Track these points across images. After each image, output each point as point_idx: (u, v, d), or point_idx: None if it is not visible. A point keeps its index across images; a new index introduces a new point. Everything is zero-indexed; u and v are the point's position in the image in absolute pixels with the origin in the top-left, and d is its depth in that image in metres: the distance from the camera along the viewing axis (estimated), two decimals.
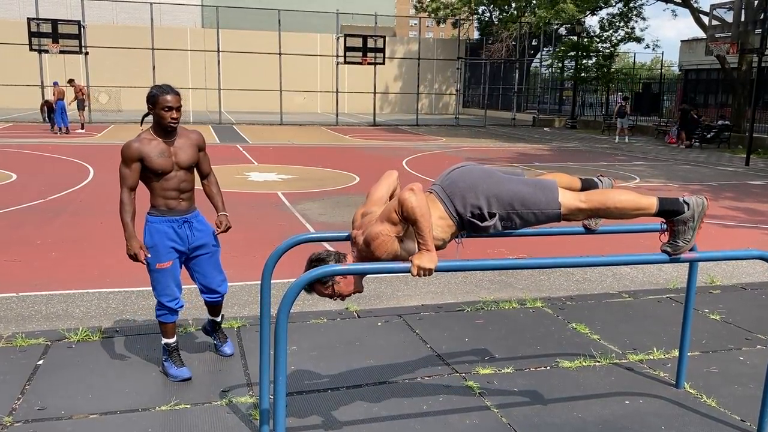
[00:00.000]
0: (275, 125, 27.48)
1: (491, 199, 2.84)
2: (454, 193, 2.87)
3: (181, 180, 3.81)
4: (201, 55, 32.96)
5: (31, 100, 27.89)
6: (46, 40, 23.96)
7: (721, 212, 9.99)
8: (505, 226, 2.91)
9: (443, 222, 2.85)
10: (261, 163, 15.03)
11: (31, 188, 10.58)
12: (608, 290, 6.01)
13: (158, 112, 3.68)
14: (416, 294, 5.75)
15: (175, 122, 3.71)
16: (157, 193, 3.78)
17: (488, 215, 2.84)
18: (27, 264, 6.37)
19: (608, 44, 33.16)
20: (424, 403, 3.69)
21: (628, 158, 18.12)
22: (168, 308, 3.87)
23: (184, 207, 3.85)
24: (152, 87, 3.73)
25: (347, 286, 2.87)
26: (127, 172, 3.69)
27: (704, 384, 4.01)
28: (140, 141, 3.70)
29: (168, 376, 3.92)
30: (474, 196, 2.84)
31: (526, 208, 2.86)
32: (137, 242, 3.72)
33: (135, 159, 3.67)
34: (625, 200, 2.89)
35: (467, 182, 2.87)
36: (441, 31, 66.66)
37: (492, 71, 38.56)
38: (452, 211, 2.86)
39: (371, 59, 27.59)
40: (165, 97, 3.65)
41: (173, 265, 3.85)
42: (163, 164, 3.71)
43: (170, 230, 3.81)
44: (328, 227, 8.33)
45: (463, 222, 2.88)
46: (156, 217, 3.80)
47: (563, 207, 2.86)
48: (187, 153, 3.82)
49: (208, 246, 3.99)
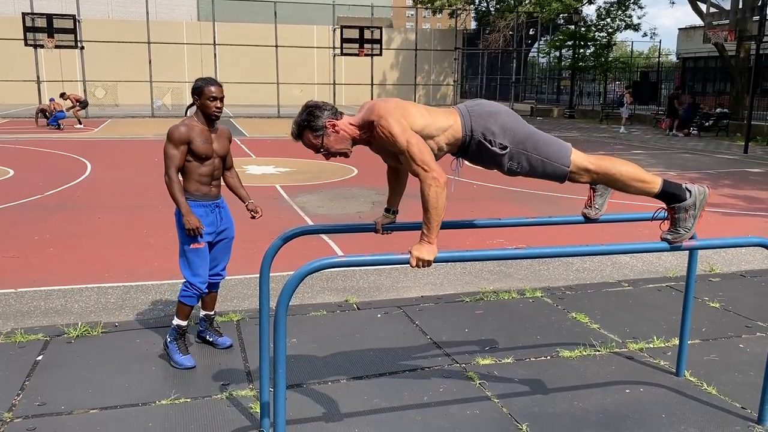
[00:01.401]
0: (273, 118, 27.42)
1: (507, 131, 2.82)
2: (476, 112, 2.86)
3: (215, 167, 4.04)
4: (197, 49, 32.80)
5: (28, 95, 27.77)
6: (41, 35, 23.87)
7: (720, 200, 9.99)
8: (510, 167, 2.87)
9: (451, 131, 2.82)
10: (259, 156, 15.00)
11: (28, 184, 10.55)
12: (608, 279, 6.00)
13: (204, 102, 3.90)
14: (416, 285, 5.75)
15: (219, 111, 3.94)
16: (193, 177, 3.95)
17: (499, 146, 2.82)
18: (25, 260, 6.35)
19: (606, 33, 33.07)
20: (425, 393, 3.69)
21: (627, 147, 18.10)
22: (197, 289, 3.98)
23: (215, 193, 4.06)
24: (197, 79, 3.98)
25: (337, 142, 2.81)
26: (175, 153, 3.86)
27: (704, 372, 4.01)
28: (187, 125, 3.91)
29: (171, 362, 3.95)
30: (494, 121, 2.83)
31: (537, 153, 2.84)
32: (195, 217, 3.86)
33: (183, 141, 3.87)
34: (631, 171, 2.88)
35: (490, 109, 2.88)
36: (438, 21, 66.45)
37: (489, 61, 38.49)
38: (467, 126, 2.83)
39: (368, 50, 27.52)
40: (210, 88, 3.88)
41: (206, 247, 3.99)
42: (206, 150, 3.93)
43: (204, 214, 3.97)
44: (326, 219, 8.32)
45: (472, 142, 2.84)
46: (191, 201, 3.94)
47: (573, 164, 2.85)
48: (222, 143, 4.09)
49: (229, 232, 4.19)
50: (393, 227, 3.27)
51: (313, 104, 2.84)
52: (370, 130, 2.77)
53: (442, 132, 2.80)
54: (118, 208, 8.70)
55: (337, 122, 2.80)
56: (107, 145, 16.61)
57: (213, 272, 4.17)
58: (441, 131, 2.80)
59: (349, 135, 2.83)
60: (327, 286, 5.58)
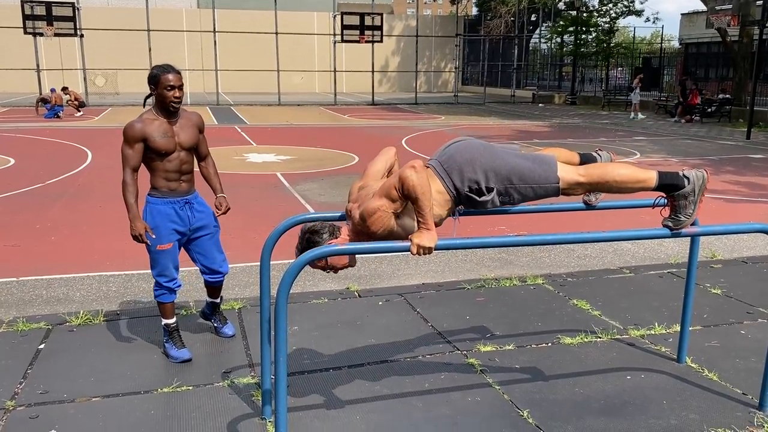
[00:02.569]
0: (273, 105, 27.34)
1: (489, 173, 2.81)
2: (451, 167, 2.84)
3: (182, 161, 3.80)
4: (197, 36, 32.66)
5: (28, 84, 27.70)
6: (40, 23, 23.73)
7: (722, 186, 9.96)
8: (503, 201, 2.88)
9: (440, 197, 2.82)
10: (259, 144, 14.97)
11: (29, 173, 10.55)
12: (609, 266, 6.00)
13: (161, 92, 3.66)
14: (417, 273, 5.75)
15: (177, 101, 3.69)
16: (159, 174, 3.76)
17: (486, 190, 2.81)
18: (26, 248, 6.36)
19: (608, 18, 32.85)
20: (426, 381, 3.69)
21: (629, 134, 18.04)
22: (166, 288, 3.87)
23: (185, 188, 3.85)
24: (153, 67, 3.72)
25: (340, 259, 2.85)
26: (130, 152, 3.66)
27: (706, 358, 4.01)
28: (143, 121, 3.68)
29: (168, 358, 3.93)
30: (472, 170, 2.81)
31: (524, 182, 2.83)
32: (142, 223, 3.71)
33: (138, 139, 3.65)
34: (624, 174, 2.85)
35: (465, 156, 2.83)
36: (439, 7, 66.07)
37: (491, 48, 38.26)
38: (450, 186, 2.83)
39: (369, 37, 27.35)
40: (167, 76, 3.64)
41: (173, 247, 3.85)
42: (166, 145, 3.70)
43: (172, 211, 3.80)
44: (327, 207, 8.31)
45: (461, 197, 2.86)
46: (157, 198, 3.79)
47: (562, 181, 2.84)
48: (188, 134, 3.82)
49: (209, 227, 4.00)
50: None
51: (311, 230, 2.84)
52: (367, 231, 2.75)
53: (434, 201, 2.75)
54: (119, 197, 8.63)
55: (336, 242, 2.81)
56: (108, 134, 16.58)
57: (211, 269, 4.06)
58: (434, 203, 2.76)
59: None
60: (328, 274, 5.58)
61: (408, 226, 2.76)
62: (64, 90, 21.44)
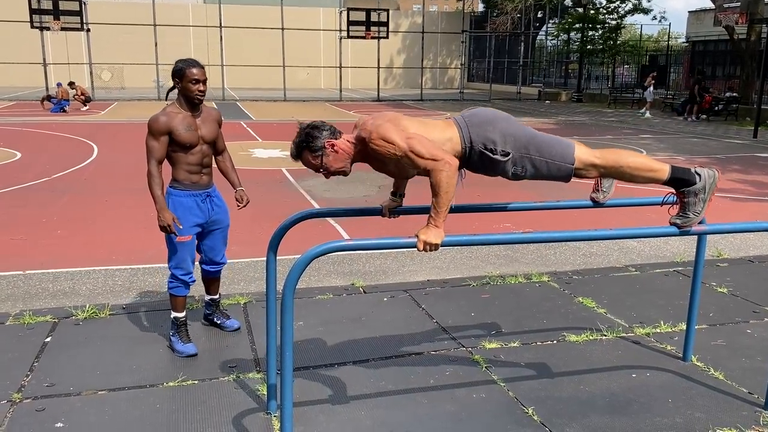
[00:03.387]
0: (279, 101, 27.34)
1: (508, 137, 2.80)
2: (473, 122, 2.83)
3: (204, 154, 3.88)
4: (203, 31, 32.68)
5: (34, 78, 27.78)
6: (47, 17, 23.77)
7: (728, 185, 9.92)
8: (515, 171, 2.85)
9: (450, 145, 2.79)
10: (265, 139, 14.98)
11: (35, 167, 10.58)
12: (615, 264, 5.99)
13: (185, 85, 3.72)
14: (422, 269, 5.74)
15: (201, 95, 3.76)
16: (181, 166, 3.82)
17: (501, 153, 2.80)
18: (33, 242, 6.38)
19: (615, 16, 32.70)
20: (431, 377, 3.70)
21: (635, 131, 17.98)
22: (182, 281, 3.91)
23: (205, 181, 3.92)
24: (178, 61, 3.78)
25: (336, 161, 2.81)
26: (155, 145, 3.71)
27: (711, 357, 4.00)
28: (167, 114, 3.72)
29: (174, 352, 3.94)
30: (492, 129, 2.80)
31: (540, 155, 2.81)
32: (169, 213, 3.74)
33: (163, 132, 3.70)
34: (639, 162, 2.85)
35: (488, 117, 2.85)
36: (445, 3, 65.92)
37: (497, 44, 38.18)
38: (465, 138, 2.81)
39: (375, 33, 27.32)
40: (192, 70, 3.70)
41: (192, 239, 3.91)
42: (190, 138, 3.76)
43: (193, 204, 3.86)
44: (332, 203, 8.32)
45: (473, 153, 2.82)
46: (179, 191, 3.83)
47: (578, 161, 2.83)
48: (209, 128, 3.89)
49: (223, 221, 4.07)
50: (399, 211, 3.26)
51: (312, 125, 2.83)
52: (365, 146, 2.75)
53: (442, 147, 2.75)
54: (124, 191, 8.72)
55: (335, 142, 2.80)
56: (114, 128, 16.60)
57: (212, 261, 4.10)
58: (442, 146, 2.75)
59: (348, 154, 2.83)
60: (333, 270, 5.59)
61: None
62: (70, 85, 21.49)
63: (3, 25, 27.45)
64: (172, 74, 3.75)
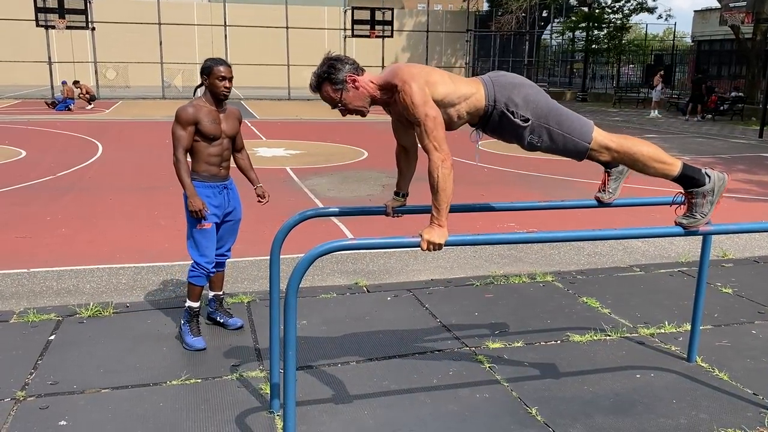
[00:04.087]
0: (283, 100, 27.35)
1: (530, 104, 2.78)
2: (499, 82, 2.81)
3: (224, 148, 4.03)
4: (208, 30, 32.70)
5: (39, 77, 27.85)
6: (52, 15, 23.83)
7: (734, 185, 9.88)
8: (531, 140, 2.81)
9: (474, 99, 2.77)
10: (269, 138, 14.98)
11: (40, 165, 10.60)
12: (619, 264, 5.97)
13: (213, 82, 3.90)
14: (426, 269, 5.74)
15: (227, 91, 3.93)
16: (202, 158, 3.96)
17: (521, 118, 2.78)
18: (37, 240, 6.39)
19: (620, 15, 32.63)
20: (434, 376, 3.69)
21: (640, 131, 17.93)
22: (204, 269, 4.00)
23: (223, 174, 4.06)
24: (206, 59, 3.99)
25: (355, 98, 2.78)
26: (182, 134, 3.87)
27: (716, 358, 3.98)
28: (195, 107, 3.91)
29: (183, 343, 3.98)
30: (517, 93, 2.78)
31: (559, 127, 2.79)
32: (200, 199, 3.88)
33: (191, 122, 3.87)
34: (652, 151, 2.83)
35: (514, 80, 2.83)
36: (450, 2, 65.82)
37: (502, 44, 38.11)
38: (490, 96, 2.78)
39: (379, 32, 27.32)
40: (219, 68, 3.89)
41: (213, 228, 4.01)
42: (214, 130, 3.93)
43: (212, 195, 3.99)
44: (336, 202, 8.31)
45: (494, 113, 2.80)
46: (199, 182, 3.96)
47: (594, 142, 2.81)
48: (231, 123, 4.08)
49: (236, 214, 4.20)
50: (403, 210, 3.26)
51: (335, 57, 2.78)
52: (391, 93, 2.74)
53: (464, 100, 2.76)
54: (129, 190, 8.73)
55: (358, 78, 2.76)
56: (118, 127, 16.64)
57: (219, 252, 4.19)
58: (463, 99, 2.76)
59: (369, 93, 2.78)
60: (337, 269, 5.59)
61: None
62: (75, 84, 21.54)
63: (8, 24, 27.52)
64: (201, 71, 3.95)
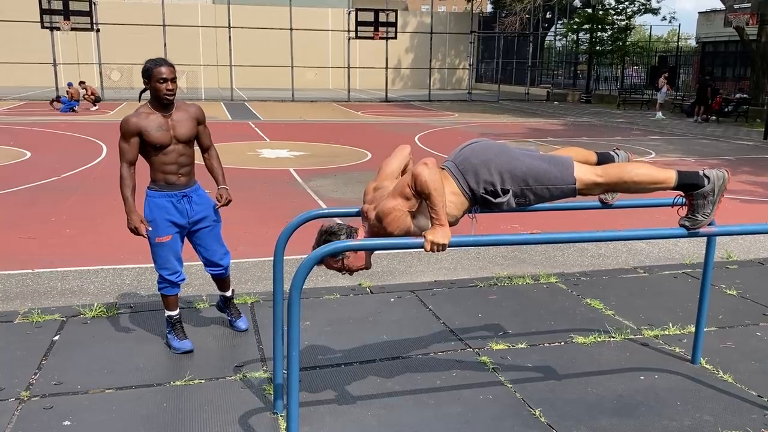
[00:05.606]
0: (287, 101, 27.37)
1: (504, 175, 2.79)
2: (467, 169, 2.82)
3: (179, 154, 3.82)
4: (212, 32, 32.76)
5: (44, 78, 27.93)
6: (57, 17, 23.91)
7: (738, 187, 9.85)
8: (519, 203, 2.86)
9: (456, 198, 2.81)
10: (273, 139, 15.00)
11: (44, 166, 10.63)
12: (623, 266, 5.96)
13: (154, 85, 3.68)
14: (429, 270, 5.73)
15: (171, 94, 3.70)
16: (156, 167, 3.80)
17: (501, 192, 2.80)
18: (42, 241, 6.41)
19: (624, 16, 32.57)
20: (438, 378, 3.69)
21: (644, 133, 17.89)
22: (168, 281, 3.92)
23: (183, 182, 3.87)
24: (146, 61, 3.74)
25: (356, 261, 2.85)
26: (126, 146, 3.71)
27: (720, 360, 3.97)
28: (138, 115, 3.71)
29: (170, 349, 3.97)
30: (487, 172, 2.79)
31: (540, 183, 2.81)
32: (137, 216, 3.76)
33: (133, 133, 3.69)
34: (643, 174, 2.81)
35: (480, 158, 2.81)
36: (453, 4, 65.82)
37: (505, 45, 38.08)
38: (465, 188, 2.81)
39: (383, 34, 27.31)
40: (159, 69, 3.66)
41: (173, 239, 3.87)
42: (161, 138, 3.73)
43: (169, 205, 3.83)
44: (340, 203, 8.31)
45: (476, 198, 2.84)
46: (155, 192, 3.83)
47: (579, 182, 2.81)
48: (185, 126, 3.83)
49: (209, 219, 4.01)
50: None
51: (328, 230, 2.84)
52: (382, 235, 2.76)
53: (449, 202, 2.74)
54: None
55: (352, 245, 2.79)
56: None
57: (211, 261, 4.09)
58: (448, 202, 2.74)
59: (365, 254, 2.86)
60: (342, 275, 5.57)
61: (424, 226, 2.75)
62: (81, 84, 21.59)
63: (13, 26, 27.63)
64: (142, 74, 3.71)
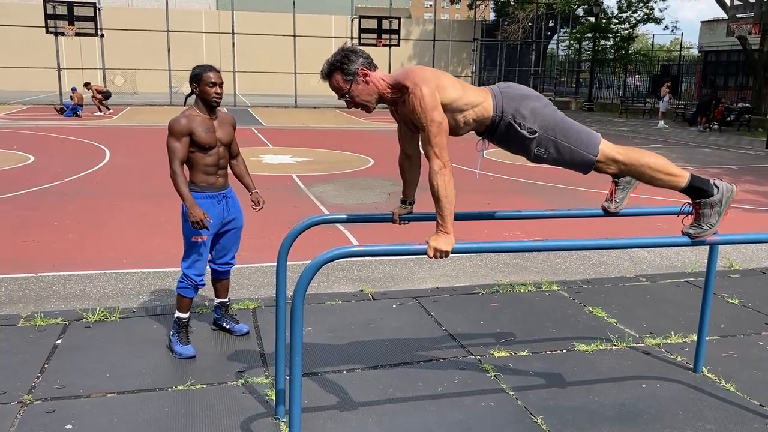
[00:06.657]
0: (290, 108, 27.45)
1: (538, 116, 2.79)
2: (507, 93, 2.82)
3: (220, 156, 3.99)
4: (216, 38, 32.90)
5: (49, 83, 28.03)
6: (62, 22, 24.04)
7: (740, 196, 9.85)
8: (537, 153, 2.83)
9: (481, 108, 2.78)
10: (276, 145, 15.03)
11: (48, 170, 10.66)
12: (625, 274, 5.96)
13: (203, 89, 3.85)
14: (431, 276, 5.74)
15: (219, 97, 3.89)
16: (199, 168, 3.92)
17: (528, 130, 2.79)
18: (45, 245, 6.42)
19: (627, 25, 32.66)
20: (439, 384, 3.69)
21: (646, 141, 17.91)
22: (192, 282, 3.97)
23: (221, 183, 4.02)
24: (195, 67, 3.92)
25: (364, 92, 2.77)
26: (177, 145, 3.82)
27: (722, 368, 3.96)
28: (187, 117, 3.85)
29: (172, 353, 3.97)
30: (525, 106, 2.80)
31: (566, 140, 2.80)
32: (200, 209, 3.82)
33: (185, 133, 3.82)
34: (660, 163, 2.83)
35: (523, 92, 2.84)
36: (456, 12, 66.00)
37: (508, 53, 38.19)
38: (498, 106, 2.79)
39: (386, 41, 27.44)
40: (209, 74, 3.83)
41: (207, 240, 3.97)
42: (208, 139, 3.88)
43: (210, 205, 3.95)
44: (342, 209, 8.32)
45: (501, 123, 2.81)
46: (197, 193, 3.91)
47: (601, 154, 2.81)
48: (225, 130, 4.03)
49: (237, 221, 4.15)
50: (410, 217, 3.27)
51: (351, 48, 2.81)
52: (401, 93, 2.75)
53: (471, 107, 2.77)
54: (136, 195, 8.77)
55: (369, 73, 2.77)
56: (126, 133, 16.72)
57: (223, 261, 4.17)
58: (471, 106, 2.77)
59: (378, 90, 2.79)
60: (342, 276, 5.59)
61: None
62: (86, 85, 21.60)
63: (18, 30, 27.77)
64: (190, 79, 3.88)
